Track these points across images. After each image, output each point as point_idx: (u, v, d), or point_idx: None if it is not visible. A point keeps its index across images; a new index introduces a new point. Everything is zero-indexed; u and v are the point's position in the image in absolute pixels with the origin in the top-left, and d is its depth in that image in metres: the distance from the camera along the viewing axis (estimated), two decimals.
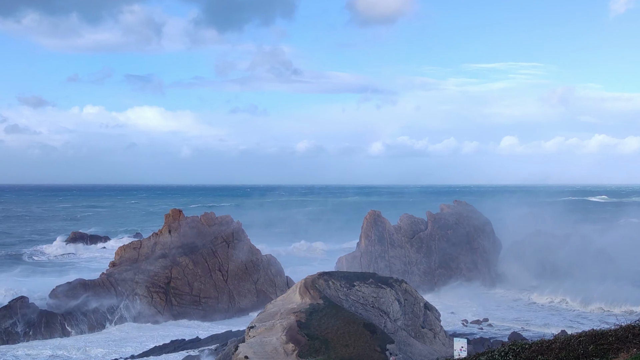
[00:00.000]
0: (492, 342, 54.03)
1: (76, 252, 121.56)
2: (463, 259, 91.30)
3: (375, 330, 43.26)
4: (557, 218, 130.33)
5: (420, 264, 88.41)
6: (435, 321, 50.56)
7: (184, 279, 71.42)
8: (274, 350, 40.48)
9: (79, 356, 54.24)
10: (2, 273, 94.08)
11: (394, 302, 48.50)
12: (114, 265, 73.14)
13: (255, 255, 77.49)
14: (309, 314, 43.94)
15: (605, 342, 14.24)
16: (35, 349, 56.53)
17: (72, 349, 56.09)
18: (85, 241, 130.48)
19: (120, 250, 76.05)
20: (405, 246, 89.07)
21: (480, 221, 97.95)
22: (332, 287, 48.21)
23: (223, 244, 76.42)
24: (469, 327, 65.14)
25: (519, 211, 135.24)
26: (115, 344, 58.84)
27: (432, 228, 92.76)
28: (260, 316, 46.99)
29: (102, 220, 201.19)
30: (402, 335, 47.08)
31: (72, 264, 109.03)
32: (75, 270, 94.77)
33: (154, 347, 56.90)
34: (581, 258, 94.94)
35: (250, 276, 75.30)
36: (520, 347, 15.45)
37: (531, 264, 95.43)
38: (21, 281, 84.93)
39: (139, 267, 71.00)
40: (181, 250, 73.66)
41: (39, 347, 57.38)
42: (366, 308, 47.69)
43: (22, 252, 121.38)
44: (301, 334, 41.42)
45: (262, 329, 43.64)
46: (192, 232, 75.81)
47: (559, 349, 14.56)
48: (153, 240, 75.83)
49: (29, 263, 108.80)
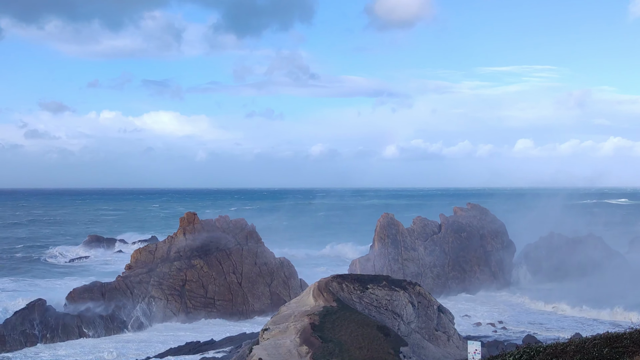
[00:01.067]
0: (506, 345, 53.84)
1: (93, 255, 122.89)
2: (476, 262, 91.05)
3: (388, 333, 43.25)
4: (575, 220, 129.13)
5: (434, 266, 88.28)
6: (448, 324, 50.51)
7: (199, 282, 72.07)
8: (288, 352, 40.62)
9: (96, 359, 54.91)
10: (20, 275, 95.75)
11: (408, 304, 48.53)
12: (129, 268, 74.00)
13: (269, 258, 77.98)
14: (323, 317, 43.99)
15: (620, 345, 14.13)
16: (53, 352, 57.46)
17: (88, 352, 56.89)
18: (101, 244, 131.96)
19: (136, 253, 76.93)
20: (418, 249, 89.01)
21: (493, 224, 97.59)
22: (345, 289, 48.33)
23: (237, 247, 77.02)
24: (482, 330, 64.95)
25: (533, 213, 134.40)
26: (131, 346, 59.61)
27: (446, 231, 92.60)
28: (274, 319, 47.11)
29: (118, 224, 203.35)
30: (416, 338, 47.11)
31: (88, 266, 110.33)
32: (92, 273, 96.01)
33: (170, 349, 57.48)
34: (596, 261, 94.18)
35: (264, 279, 75.76)
36: (534, 350, 15.40)
37: (545, 267, 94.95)
38: (39, 284, 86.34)
39: (154, 269, 71.77)
40: (196, 253, 74.37)
41: (56, 349, 58.32)
42: (380, 311, 47.77)
43: (40, 255, 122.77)
44: (315, 337, 41.44)
45: (276, 332, 43.81)
46: (207, 235, 76.52)
47: (573, 352, 14.50)
48: (168, 243, 76.65)
49: (46, 265, 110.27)
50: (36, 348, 58.78)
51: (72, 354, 56.27)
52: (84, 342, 60.89)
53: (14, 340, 58.68)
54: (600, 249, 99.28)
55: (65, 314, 63.33)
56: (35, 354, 56.77)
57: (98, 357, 55.03)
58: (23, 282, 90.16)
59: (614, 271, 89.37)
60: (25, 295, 72.57)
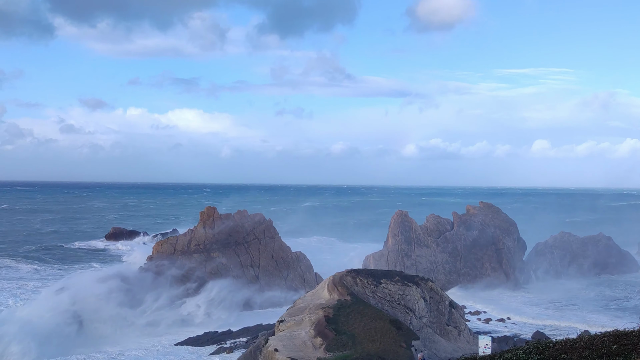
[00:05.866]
0: (516, 340, 54.61)
1: (116, 247, 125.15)
2: (488, 259, 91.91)
3: (401, 327, 43.97)
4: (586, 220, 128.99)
5: (446, 263, 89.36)
6: (459, 319, 51.39)
7: (218, 274, 73.90)
8: (303, 343, 41.46)
9: (118, 348, 56.12)
10: (45, 265, 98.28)
11: (420, 299, 49.41)
12: (151, 259, 76.09)
13: (286, 252, 79.57)
14: (337, 310, 44.72)
15: (629, 342, 14.02)
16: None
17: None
18: (125, 236, 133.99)
19: (157, 245, 79.06)
20: (431, 246, 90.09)
21: (505, 222, 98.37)
22: (359, 284, 49.29)
23: (255, 241, 78.73)
24: (493, 326, 65.93)
25: (545, 212, 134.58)
26: (151, 334, 61.53)
27: (458, 229, 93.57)
28: (290, 311, 47.98)
29: (141, 217, 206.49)
30: (428, 332, 48.08)
31: (111, 257, 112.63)
32: (114, 264, 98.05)
33: (188, 338, 59.28)
34: (606, 260, 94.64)
35: (280, 272, 77.43)
36: (544, 346, 15.17)
37: (555, 265, 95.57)
38: (64, 274, 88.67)
39: (174, 261, 73.81)
40: (215, 246, 76.21)
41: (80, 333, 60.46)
42: (392, 305, 48.72)
43: (65, 246, 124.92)
44: (329, 329, 42.10)
45: (292, 323, 44.72)
46: (226, 228, 78.32)
47: (582, 348, 14.33)
48: (189, 236, 78.54)
49: (72, 256, 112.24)
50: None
51: (92, 346, 57.92)
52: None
53: None
54: (611, 248, 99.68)
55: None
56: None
57: (120, 347, 56.75)
58: (48, 272, 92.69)
59: (624, 270, 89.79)
60: (51, 285, 74.70)
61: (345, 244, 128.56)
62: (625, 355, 13.25)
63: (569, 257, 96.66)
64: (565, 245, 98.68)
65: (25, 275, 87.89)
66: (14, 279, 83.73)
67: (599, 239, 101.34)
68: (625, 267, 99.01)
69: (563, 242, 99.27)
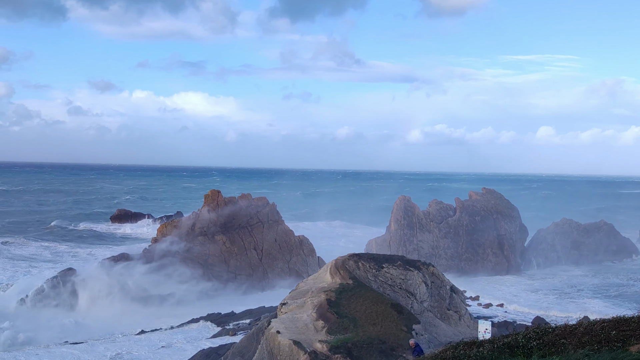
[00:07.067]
0: (516, 325, 55.08)
1: (120, 228, 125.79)
2: (489, 245, 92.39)
3: (402, 311, 44.23)
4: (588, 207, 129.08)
5: (448, 248, 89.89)
6: (460, 304, 51.73)
7: (221, 256, 74.62)
8: (305, 326, 41.78)
9: (120, 329, 56.69)
10: (52, 242, 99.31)
11: (421, 284, 49.67)
12: (155, 241, 76.76)
13: (289, 236, 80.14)
14: (339, 293, 44.91)
15: (627, 329, 14.13)
16: (83, 318, 60.44)
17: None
18: (130, 218, 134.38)
19: (162, 227, 79.67)
20: (433, 231, 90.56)
21: (507, 209, 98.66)
22: (361, 268, 49.55)
23: (258, 224, 79.28)
24: (493, 311, 66.57)
25: (547, 199, 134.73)
26: (153, 315, 62.32)
27: (460, 214, 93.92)
28: (292, 294, 48.19)
29: (146, 199, 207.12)
30: (428, 316, 48.49)
31: (116, 239, 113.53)
32: (119, 245, 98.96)
33: (192, 319, 59.98)
34: (607, 247, 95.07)
35: (283, 256, 78.08)
36: (543, 331, 15.31)
37: (556, 252, 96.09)
38: (69, 253, 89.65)
39: (179, 243, 74.51)
40: (219, 229, 76.81)
41: (86, 315, 61.34)
42: (394, 289, 49.03)
43: (71, 227, 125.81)
44: (331, 312, 42.26)
45: (294, 306, 44.98)
46: (230, 212, 78.84)
47: (581, 334, 14.45)
48: (193, 218, 79.12)
49: (76, 237, 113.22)
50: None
51: (100, 323, 58.89)
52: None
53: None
54: (612, 235, 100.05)
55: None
56: (66, 320, 59.66)
57: (123, 328, 57.52)
58: (54, 251, 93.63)
59: (624, 257, 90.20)
60: (56, 264, 75.67)
61: (348, 229, 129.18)
62: (624, 341, 13.37)
63: (570, 244, 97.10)
64: (566, 232, 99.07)
65: (36, 252, 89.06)
66: (23, 257, 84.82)
67: (601, 226, 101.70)
68: (626, 253, 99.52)
69: (564, 229, 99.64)
